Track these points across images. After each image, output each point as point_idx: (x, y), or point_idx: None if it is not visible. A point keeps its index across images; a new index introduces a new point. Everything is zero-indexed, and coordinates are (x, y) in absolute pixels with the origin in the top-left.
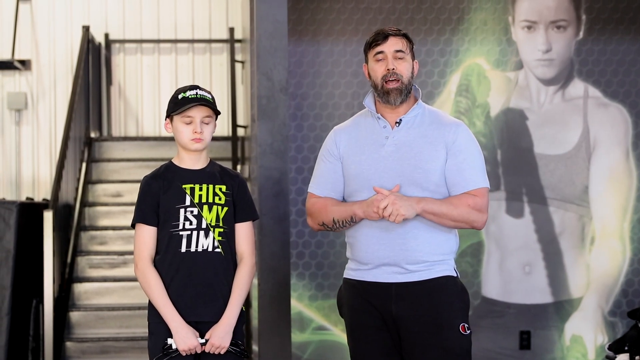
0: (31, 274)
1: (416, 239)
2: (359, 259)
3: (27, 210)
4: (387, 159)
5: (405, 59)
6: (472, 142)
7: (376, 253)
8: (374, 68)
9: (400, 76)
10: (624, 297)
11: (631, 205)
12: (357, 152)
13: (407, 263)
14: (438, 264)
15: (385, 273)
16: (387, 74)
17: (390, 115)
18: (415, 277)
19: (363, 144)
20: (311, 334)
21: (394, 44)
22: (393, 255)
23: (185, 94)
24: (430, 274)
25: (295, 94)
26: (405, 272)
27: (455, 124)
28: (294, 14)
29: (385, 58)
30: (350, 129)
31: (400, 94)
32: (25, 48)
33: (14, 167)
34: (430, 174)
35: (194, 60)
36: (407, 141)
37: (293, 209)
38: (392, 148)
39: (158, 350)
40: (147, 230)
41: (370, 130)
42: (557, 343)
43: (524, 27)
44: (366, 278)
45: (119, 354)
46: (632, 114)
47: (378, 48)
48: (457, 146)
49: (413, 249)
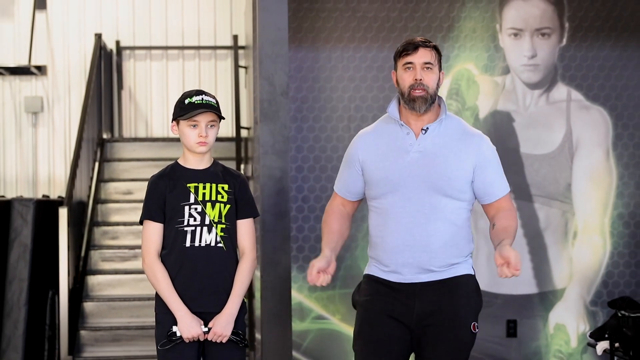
0: (47, 266)
1: (439, 242)
2: (382, 261)
3: (43, 207)
4: (412, 165)
5: (432, 70)
6: (494, 152)
7: (401, 254)
8: (402, 77)
9: (427, 87)
10: (605, 288)
11: (611, 202)
12: (381, 157)
13: (432, 265)
14: (459, 266)
15: (410, 274)
16: (414, 84)
17: (415, 123)
18: (438, 277)
19: (386, 150)
20: (311, 323)
21: (423, 56)
22: (418, 258)
23: (192, 99)
24: (452, 272)
25: (296, 98)
26: (429, 272)
27: (479, 135)
28: (294, 22)
29: (414, 68)
30: (374, 135)
31: (425, 103)
32: (41, 54)
33: (31, 167)
34: (454, 181)
35: (200, 66)
36: (432, 149)
37: (293, 205)
38: (417, 155)
39: (164, 338)
40: (154, 227)
41: (394, 137)
42: (541, 331)
43: (511, 34)
44: (391, 279)
45: (130, 341)
46: (612, 116)
47: (408, 58)
48: (484, 159)
49: (437, 251)
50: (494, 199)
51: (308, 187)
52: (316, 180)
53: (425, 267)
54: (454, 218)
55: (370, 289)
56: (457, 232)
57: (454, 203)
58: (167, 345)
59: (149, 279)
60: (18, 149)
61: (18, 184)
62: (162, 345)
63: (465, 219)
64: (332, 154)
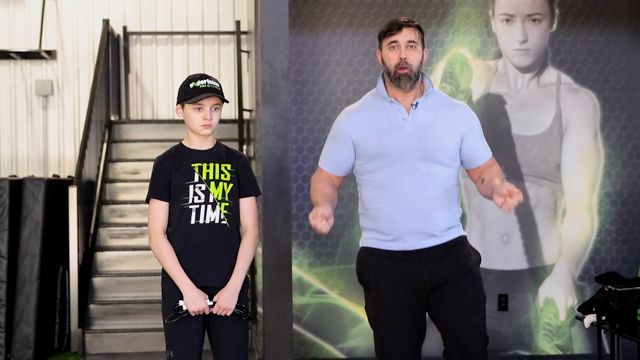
0: (58, 243)
1: (438, 209)
2: (385, 230)
3: (54, 186)
4: (408, 138)
5: (416, 49)
6: (477, 120)
7: (404, 223)
8: (387, 55)
9: (411, 65)
10: (592, 263)
11: (599, 181)
12: (375, 133)
13: (433, 229)
14: (454, 229)
15: (414, 240)
16: (399, 62)
17: (403, 99)
18: (439, 241)
19: (379, 126)
20: (310, 297)
21: (407, 35)
22: (420, 224)
23: (196, 83)
24: (450, 236)
25: (296, 81)
26: (430, 237)
27: (463, 106)
28: (295, 9)
29: (398, 47)
30: (364, 112)
31: (410, 80)
32: (51, 39)
33: (42, 148)
34: (448, 150)
35: (204, 51)
36: (425, 122)
37: (294, 184)
38: (411, 129)
39: (171, 312)
40: (159, 205)
41: (385, 113)
42: (531, 305)
43: (503, 20)
44: (394, 248)
45: (137, 315)
46: (600, 98)
47: (392, 37)
48: (471, 127)
49: (436, 216)
50: (481, 162)
51: (308, 166)
52: (315, 160)
53: (428, 232)
54: (446, 184)
55: (376, 264)
56: (451, 197)
57: (447, 170)
58: (174, 318)
59: (155, 255)
60: (29, 131)
61: (29, 164)
62: (169, 318)
63: (455, 185)
64: None
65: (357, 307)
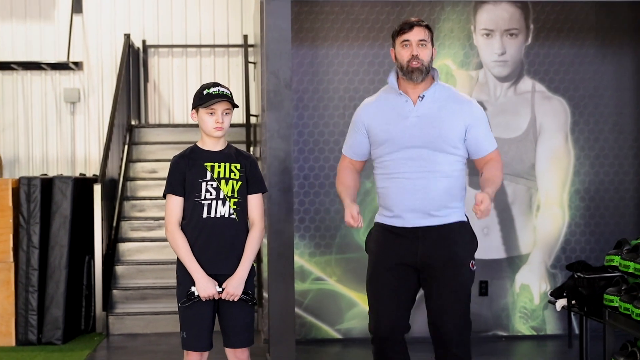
0: (84, 235)
1: (437, 190)
2: (389, 207)
3: (80, 184)
4: (411, 128)
5: (426, 46)
6: (484, 114)
7: (406, 201)
8: (400, 52)
9: (422, 60)
10: (563, 253)
11: (569, 179)
12: (385, 122)
13: (432, 209)
14: (455, 211)
15: (413, 219)
16: (411, 58)
17: (412, 92)
18: (437, 222)
19: (389, 115)
20: (310, 283)
21: (418, 34)
22: (418, 203)
23: (209, 90)
24: (449, 219)
25: (298, 89)
26: (429, 216)
27: (470, 100)
28: (296, 24)
29: (410, 45)
30: (377, 102)
31: (421, 73)
32: (78, 52)
33: (70, 149)
34: (449, 139)
35: (215, 62)
36: (429, 113)
37: (296, 182)
38: (415, 119)
39: (184, 297)
40: (175, 200)
41: (394, 104)
42: (509, 290)
43: (483, 34)
44: (396, 224)
45: (155, 299)
46: (571, 105)
47: (405, 36)
48: (476, 119)
49: (436, 197)
50: (485, 154)
51: (308, 166)
52: (315, 160)
53: (426, 212)
54: (448, 169)
55: (380, 237)
56: (452, 182)
57: (448, 157)
58: (187, 303)
59: (171, 246)
60: (58, 134)
61: (59, 164)
62: (182, 303)
63: (459, 170)
64: (329, 137)
65: (353, 292)
